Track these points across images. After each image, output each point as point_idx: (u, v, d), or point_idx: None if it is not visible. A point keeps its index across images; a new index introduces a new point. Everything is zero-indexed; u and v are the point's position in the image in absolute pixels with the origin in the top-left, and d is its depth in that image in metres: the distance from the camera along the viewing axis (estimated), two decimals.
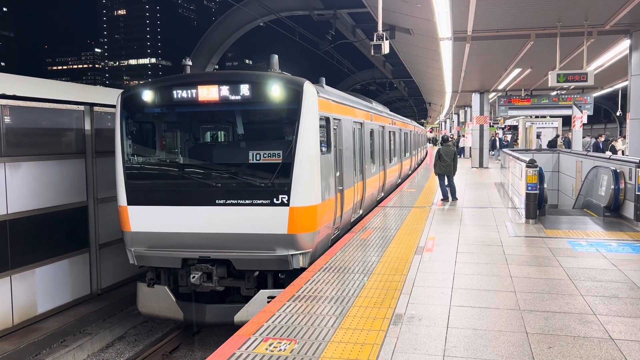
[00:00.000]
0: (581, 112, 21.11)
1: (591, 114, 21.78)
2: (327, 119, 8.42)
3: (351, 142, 10.28)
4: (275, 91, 7.46)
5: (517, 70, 19.26)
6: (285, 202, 7.33)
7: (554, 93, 24.02)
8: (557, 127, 27.93)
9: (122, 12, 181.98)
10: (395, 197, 14.81)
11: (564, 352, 4.39)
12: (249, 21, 24.07)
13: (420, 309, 5.51)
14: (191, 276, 7.45)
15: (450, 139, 15.42)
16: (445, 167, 13.62)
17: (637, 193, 9.68)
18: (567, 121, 27.16)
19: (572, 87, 21.05)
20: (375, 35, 9.87)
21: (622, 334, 4.78)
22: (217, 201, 7.54)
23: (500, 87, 24.15)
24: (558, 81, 12.67)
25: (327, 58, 27.18)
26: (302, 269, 7.33)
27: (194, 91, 7.64)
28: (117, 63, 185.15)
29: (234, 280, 7.75)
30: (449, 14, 10.14)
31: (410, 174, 23.49)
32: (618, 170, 10.58)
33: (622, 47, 14.14)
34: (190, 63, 8.78)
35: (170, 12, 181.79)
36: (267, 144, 7.92)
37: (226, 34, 24.94)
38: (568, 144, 25.12)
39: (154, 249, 7.85)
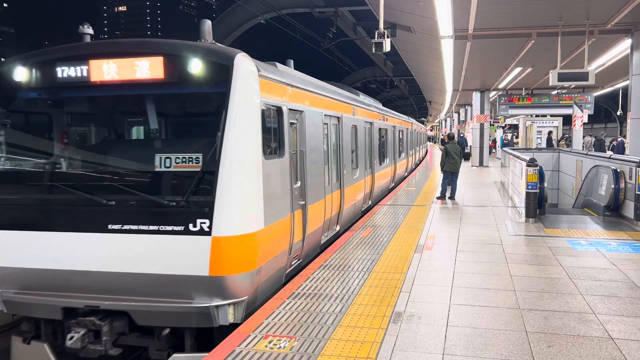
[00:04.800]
0: (582, 111, 21.10)
1: (592, 113, 21.79)
2: (279, 110, 6.37)
3: (322, 142, 8.28)
4: (193, 66, 5.40)
5: (518, 69, 19.25)
6: (206, 229, 5.24)
7: (555, 92, 24.01)
8: (557, 126, 27.98)
9: (122, 8, 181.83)
10: (395, 196, 14.81)
11: (563, 351, 4.40)
12: (250, 18, 24.10)
13: (420, 307, 5.52)
14: (68, 337, 5.36)
15: (457, 136, 15.49)
16: (454, 164, 13.66)
17: (637, 192, 9.69)
18: (567, 120, 27.17)
19: (572, 86, 21.05)
20: (376, 33, 9.86)
21: (621, 333, 4.78)
22: (109, 226, 5.44)
23: (501, 85, 24.14)
24: (559, 80, 12.67)
25: (328, 56, 27.19)
26: (235, 325, 5.38)
27: (83, 68, 5.59)
28: None
29: (139, 337, 5.64)
30: (450, 12, 10.14)
31: (407, 176, 22.00)
32: (618, 170, 10.58)
33: (623, 46, 14.13)
34: (90, 31, 6.26)
35: (170, 8, 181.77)
36: (182, 144, 5.92)
37: (227, 31, 24.94)
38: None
39: (26, 293, 5.76)
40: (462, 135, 34.00)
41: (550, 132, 26.85)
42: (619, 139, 26.51)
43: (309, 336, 4.77)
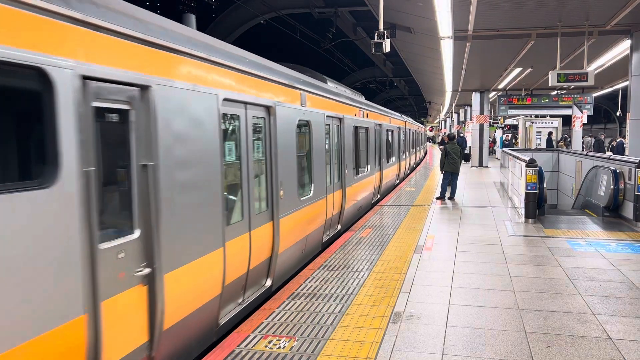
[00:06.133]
0: (581, 112, 21.16)
1: (591, 114, 21.84)
2: (42, 76, 2.93)
3: (217, 147, 4.88)
4: None
5: (518, 70, 19.28)
6: None
7: (554, 93, 24.05)
8: (556, 127, 28.02)
9: None
10: (394, 196, 14.81)
11: (562, 352, 4.41)
12: (250, 18, 24.10)
13: (419, 307, 5.53)
14: None
15: (456, 137, 15.51)
16: (454, 164, 13.71)
17: (636, 193, 9.70)
18: (567, 121, 27.21)
19: (572, 86, 21.08)
20: (376, 34, 9.87)
21: (620, 333, 4.79)
22: None
23: (501, 86, 24.17)
24: (558, 81, 12.70)
25: (328, 56, 27.22)
26: None
27: None
28: None
29: None
30: (450, 12, 10.15)
31: (399, 184, 19.06)
32: (618, 170, 10.60)
33: (623, 47, 14.17)
34: None
35: (170, 8, 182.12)
36: None
37: (227, 32, 24.94)
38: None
39: None
40: (462, 135, 34.02)
41: (550, 133, 26.89)
42: (618, 140, 26.55)
43: (308, 336, 4.77)
